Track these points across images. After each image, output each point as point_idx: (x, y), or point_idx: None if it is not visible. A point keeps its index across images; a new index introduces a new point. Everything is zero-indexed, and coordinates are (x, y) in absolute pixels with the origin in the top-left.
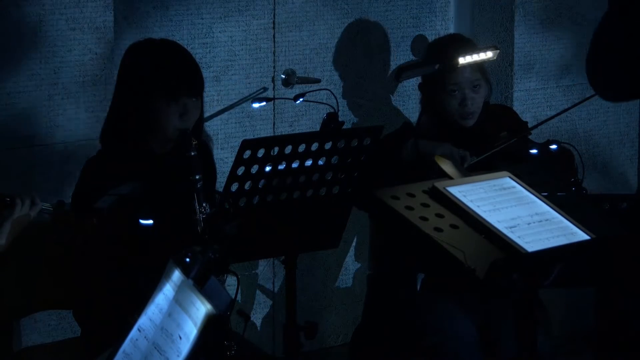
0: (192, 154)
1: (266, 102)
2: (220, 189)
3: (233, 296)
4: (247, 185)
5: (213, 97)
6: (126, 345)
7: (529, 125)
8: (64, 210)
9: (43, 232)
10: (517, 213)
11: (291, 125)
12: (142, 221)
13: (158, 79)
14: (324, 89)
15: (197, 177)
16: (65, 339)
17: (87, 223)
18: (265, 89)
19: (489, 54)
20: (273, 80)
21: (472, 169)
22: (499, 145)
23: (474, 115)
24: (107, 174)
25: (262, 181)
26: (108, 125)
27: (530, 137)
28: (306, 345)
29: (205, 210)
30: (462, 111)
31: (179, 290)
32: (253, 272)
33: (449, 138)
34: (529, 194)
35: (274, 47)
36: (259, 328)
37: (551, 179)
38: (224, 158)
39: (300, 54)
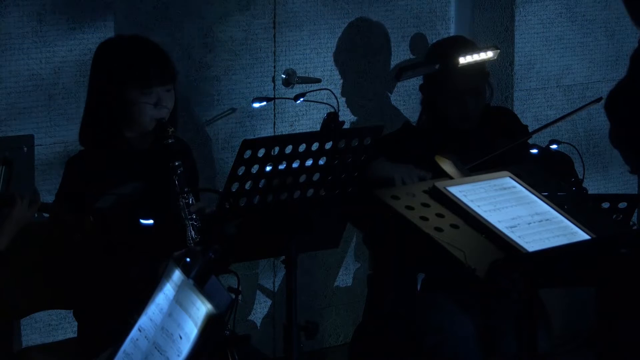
0: (170, 141)
1: (267, 102)
2: (221, 189)
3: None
4: (247, 185)
5: (213, 97)
6: (127, 344)
7: (529, 127)
8: (62, 209)
9: (43, 232)
10: (517, 213)
11: (292, 125)
12: (142, 221)
13: (129, 70)
14: (324, 89)
15: (177, 163)
16: (65, 339)
17: (85, 221)
18: (233, 110)
19: (489, 54)
20: (273, 80)
21: (472, 169)
22: (496, 151)
23: (474, 119)
24: (90, 172)
25: (263, 181)
26: (85, 124)
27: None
28: (306, 345)
29: (187, 196)
30: (462, 115)
31: (180, 290)
32: (253, 272)
33: (449, 139)
34: (530, 194)
35: (275, 47)
36: (258, 328)
37: (551, 178)
38: (224, 158)
39: (301, 54)
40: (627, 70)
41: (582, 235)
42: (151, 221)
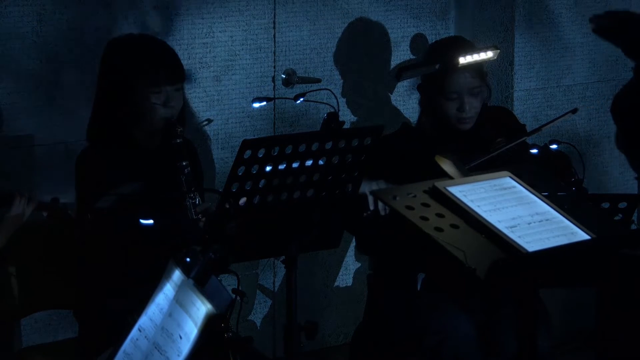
0: (178, 141)
1: (267, 101)
2: (221, 189)
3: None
4: (247, 185)
5: (214, 97)
6: (127, 344)
7: (528, 127)
8: (59, 207)
9: (42, 231)
10: (517, 213)
11: (292, 125)
12: (142, 221)
13: (139, 69)
14: (324, 89)
15: (184, 163)
16: (65, 339)
17: (82, 218)
18: (209, 120)
19: (489, 54)
20: (273, 80)
21: (472, 170)
22: (495, 151)
23: (472, 120)
24: (101, 165)
25: (263, 181)
26: (94, 121)
27: (528, 139)
28: (306, 345)
29: (194, 197)
30: (460, 116)
31: (180, 290)
32: (253, 272)
33: (448, 140)
34: (530, 194)
35: (275, 46)
36: (259, 328)
37: (551, 178)
38: (224, 158)
39: (301, 54)
40: (634, 71)
41: (582, 235)
42: (151, 221)
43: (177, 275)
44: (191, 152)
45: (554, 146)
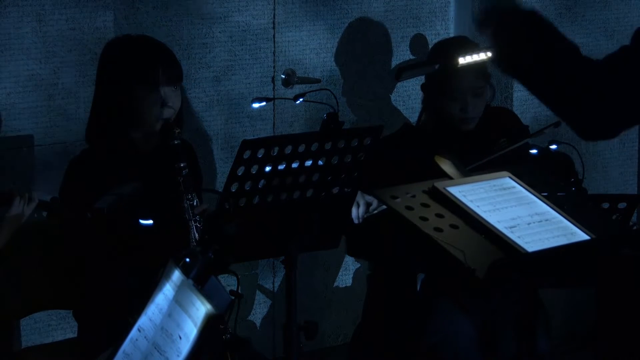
0: (176, 142)
1: (266, 102)
2: (220, 189)
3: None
4: (247, 186)
5: (213, 97)
6: (126, 345)
7: (529, 128)
8: (58, 207)
9: (42, 231)
10: (517, 213)
11: (291, 125)
12: (142, 221)
13: (137, 69)
14: (324, 89)
15: (182, 164)
16: (65, 339)
17: (81, 217)
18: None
19: (489, 54)
20: (273, 80)
21: (474, 171)
22: (497, 151)
23: (474, 121)
24: (92, 173)
25: (262, 181)
26: (92, 122)
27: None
28: (306, 345)
29: (192, 198)
30: (463, 116)
31: (179, 290)
32: (253, 272)
33: (450, 140)
34: (529, 194)
35: (274, 47)
36: (258, 328)
37: (551, 178)
38: (224, 158)
39: (300, 54)
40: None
41: (581, 235)
42: (151, 221)
43: (176, 275)
44: (189, 153)
45: (553, 146)
